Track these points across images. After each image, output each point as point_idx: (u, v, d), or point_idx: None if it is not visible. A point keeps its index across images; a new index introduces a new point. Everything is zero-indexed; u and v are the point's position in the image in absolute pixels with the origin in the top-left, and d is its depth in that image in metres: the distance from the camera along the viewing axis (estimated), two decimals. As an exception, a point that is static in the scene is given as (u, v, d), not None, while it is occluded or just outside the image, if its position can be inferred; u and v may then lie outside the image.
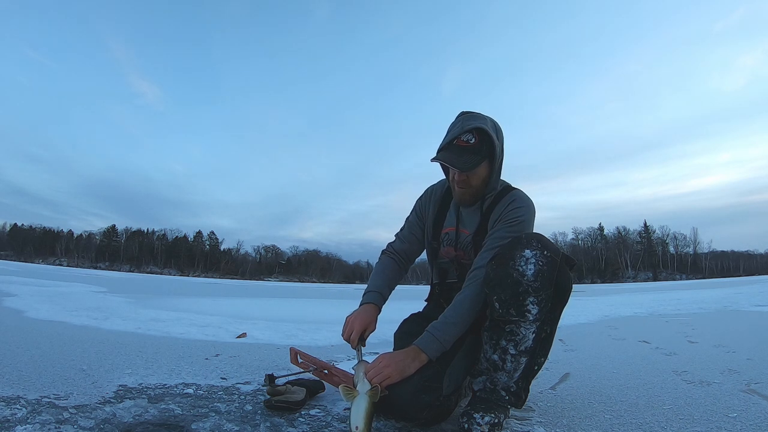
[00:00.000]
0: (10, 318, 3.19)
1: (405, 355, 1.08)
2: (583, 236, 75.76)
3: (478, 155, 1.19)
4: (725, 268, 68.00)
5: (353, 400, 1.02)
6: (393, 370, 1.05)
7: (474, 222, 1.30)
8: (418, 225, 1.43)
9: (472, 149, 1.18)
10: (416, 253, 1.47)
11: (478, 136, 1.18)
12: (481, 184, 1.25)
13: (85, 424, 1.07)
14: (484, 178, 1.24)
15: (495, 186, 1.28)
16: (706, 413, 1.28)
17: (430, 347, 1.09)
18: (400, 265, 1.43)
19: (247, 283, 32.37)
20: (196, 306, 5.72)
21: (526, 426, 1.18)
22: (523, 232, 1.18)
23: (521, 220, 1.21)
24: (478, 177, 1.23)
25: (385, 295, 1.34)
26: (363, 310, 1.26)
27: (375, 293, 1.32)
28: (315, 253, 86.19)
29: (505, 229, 1.20)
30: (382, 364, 1.06)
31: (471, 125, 1.18)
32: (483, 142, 1.19)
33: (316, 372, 1.50)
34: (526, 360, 1.10)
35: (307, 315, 5.05)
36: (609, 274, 67.33)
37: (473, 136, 1.18)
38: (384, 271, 1.39)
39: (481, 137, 1.19)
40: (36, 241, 75.96)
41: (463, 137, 1.19)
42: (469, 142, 1.18)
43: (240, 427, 1.11)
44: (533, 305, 1.06)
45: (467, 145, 1.18)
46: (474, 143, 1.18)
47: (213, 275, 66.77)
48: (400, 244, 1.44)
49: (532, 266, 1.05)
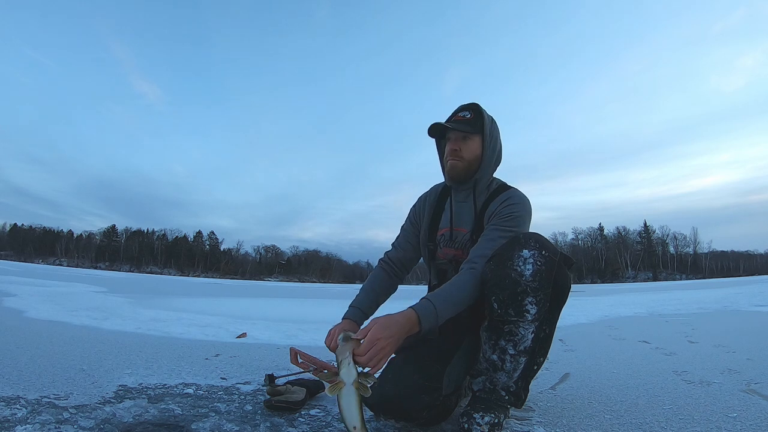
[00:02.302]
0: (10, 318, 3.19)
1: (402, 319, 0.99)
2: (583, 236, 75.85)
3: (474, 126, 1.29)
4: (725, 268, 68.01)
5: (339, 392, 0.91)
6: (388, 342, 0.94)
7: (468, 218, 1.32)
8: (413, 232, 1.44)
9: (467, 122, 1.29)
10: (412, 261, 1.46)
11: (474, 113, 1.30)
12: (474, 159, 1.30)
13: (85, 424, 1.07)
14: (477, 155, 1.30)
15: (488, 172, 1.31)
16: (706, 413, 1.28)
17: (426, 319, 1.02)
18: (394, 274, 1.43)
19: (247, 283, 32.37)
20: (196, 306, 5.72)
21: (526, 426, 1.18)
22: (518, 227, 1.19)
23: (516, 215, 1.22)
24: (471, 151, 1.29)
25: (368, 313, 1.33)
26: (345, 323, 1.27)
27: (357, 310, 1.31)
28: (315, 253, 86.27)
29: (500, 224, 1.21)
30: (375, 334, 0.94)
31: (467, 103, 1.32)
32: (478, 118, 1.30)
33: (316, 372, 1.50)
34: (525, 360, 1.10)
35: (307, 315, 5.05)
36: (609, 274, 67.33)
37: (470, 113, 1.30)
38: (372, 287, 1.38)
39: (476, 114, 1.30)
40: (36, 241, 75.98)
41: (460, 114, 1.31)
42: (466, 117, 1.30)
43: (240, 427, 1.11)
44: (532, 305, 1.06)
45: (464, 119, 1.30)
46: (470, 118, 1.29)
47: (213, 275, 66.80)
48: (395, 253, 1.45)
49: (530, 266, 1.05)
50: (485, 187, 1.32)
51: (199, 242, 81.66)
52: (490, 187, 1.33)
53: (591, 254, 71.85)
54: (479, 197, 1.31)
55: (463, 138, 1.29)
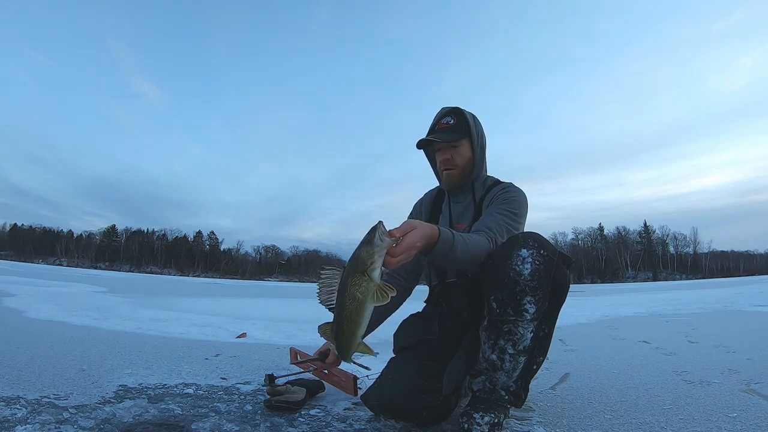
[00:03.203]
0: (10, 318, 3.19)
1: (429, 231, 0.92)
2: (583, 236, 75.83)
3: (459, 132, 1.30)
4: (725, 268, 68.00)
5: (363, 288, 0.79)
6: (417, 250, 0.88)
7: (468, 215, 1.34)
8: None
9: (452, 129, 1.31)
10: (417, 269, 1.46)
11: (456, 117, 1.32)
12: (467, 164, 1.32)
13: (85, 424, 1.07)
14: (468, 159, 1.32)
15: (482, 171, 1.35)
16: (706, 413, 1.28)
17: (443, 244, 0.95)
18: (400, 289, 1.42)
19: (247, 283, 32.38)
20: (196, 306, 5.72)
21: (526, 426, 1.18)
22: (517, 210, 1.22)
23: (514, 198, 1.25)
24: (462, 156, 1.31)
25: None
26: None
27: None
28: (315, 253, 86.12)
29: (498, 206, 1.23)
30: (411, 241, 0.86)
31: (448, 108, 1.35)
32: (462, 121, 1.31)
33: (316, 372, 1.50)
34: (524, 359, 1.10)
35: (307, 315, 5.04)
36: (609, 274, 67.32)
37: (452, 118, 1.32)
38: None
39: (459, 118, 1.32)
40: (36, 241, 75.98)
41: (443, 120, 1.33)
42: (449, 123, 1.32)
43: (240, 427, 1.11)
44: (530, 304, 1.06)
45: (448, 126, 1.31)
46: (453, 123, 1.31)
47: (213, 275, 66.76)
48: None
49: (529, 265, 1.05)
50: (482, 184, 1.36)
51: (199, 242, 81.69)
52: (485, 183, 1.37)
53: (591, 254, 71.84)
54: (478, 193, 1.34)
55: (452, 146, 1.31)
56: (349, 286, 0.81)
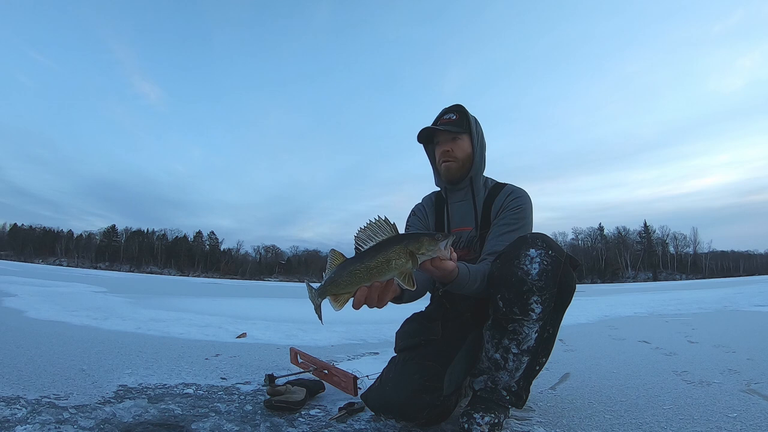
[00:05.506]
0: (10, 318, 3.19)
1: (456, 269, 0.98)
2: (583, 236, 75.76)
3: (461, 127, 1.34)
4: (725, 268, 67.99)
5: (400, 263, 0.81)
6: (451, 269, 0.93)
7: (469, 216, 1.33)
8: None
9: (454, 123, 1.34)
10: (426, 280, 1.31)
11: (458, 114, 1.35)
12: (466, 159, 1.34)
13: (85, 424, 1.07)
14: (468, 154, 1.34)
15: (480, 170, 1.36)
16: (706, 413, 1.28)
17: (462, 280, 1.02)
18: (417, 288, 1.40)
19: (247, 283, 32.37)
20: (196, 306, 5.72)
21: (526, 426, 1.18)
22: (525, 219, 1.25)
23: (523, 207, 1.28)
24: (462, 150, 1.33)
25: None
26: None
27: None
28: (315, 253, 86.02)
29: (508, 217, 1.26)
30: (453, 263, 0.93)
31: (451, 106, 1.38)
32: (463, 118, 1.35)
33: (316, 372, 1.50)
34: (528, 359, 1.10)
35: (307, 315, 5.04)
36: (609, 274, 67.30)
37: (455, 114, 1.35)
38: None
39: (461, 115, 1.35)
40: (36, 241, 75.97)
41: (446, 116, 1.36)
42: (452, 119, 1.35)
43: (240, 427, 1.11)
44: (537, 304, 1.06)
45: (450, 121, 1.35)
46: (456, 119, 1.34)
47: (213, 275, 66.77)
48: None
49: (537, 265, 1.06)
50: (482, 184, 1.36)
51: (199, 242, 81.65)
52: (486, 184, 1.37)
53: (591, 254, 71.81)
54: (478, 194, 1.34)
55: (452, 139, 1.33)
56: (392, 250, 0.82)
